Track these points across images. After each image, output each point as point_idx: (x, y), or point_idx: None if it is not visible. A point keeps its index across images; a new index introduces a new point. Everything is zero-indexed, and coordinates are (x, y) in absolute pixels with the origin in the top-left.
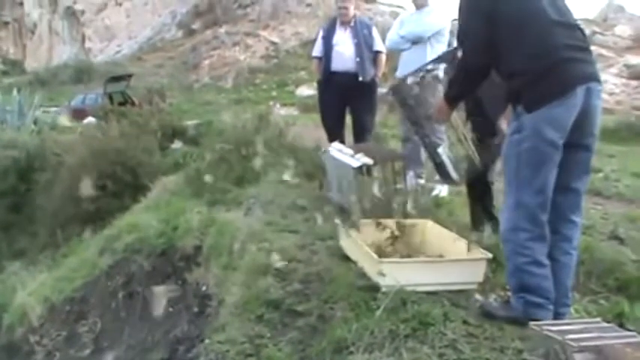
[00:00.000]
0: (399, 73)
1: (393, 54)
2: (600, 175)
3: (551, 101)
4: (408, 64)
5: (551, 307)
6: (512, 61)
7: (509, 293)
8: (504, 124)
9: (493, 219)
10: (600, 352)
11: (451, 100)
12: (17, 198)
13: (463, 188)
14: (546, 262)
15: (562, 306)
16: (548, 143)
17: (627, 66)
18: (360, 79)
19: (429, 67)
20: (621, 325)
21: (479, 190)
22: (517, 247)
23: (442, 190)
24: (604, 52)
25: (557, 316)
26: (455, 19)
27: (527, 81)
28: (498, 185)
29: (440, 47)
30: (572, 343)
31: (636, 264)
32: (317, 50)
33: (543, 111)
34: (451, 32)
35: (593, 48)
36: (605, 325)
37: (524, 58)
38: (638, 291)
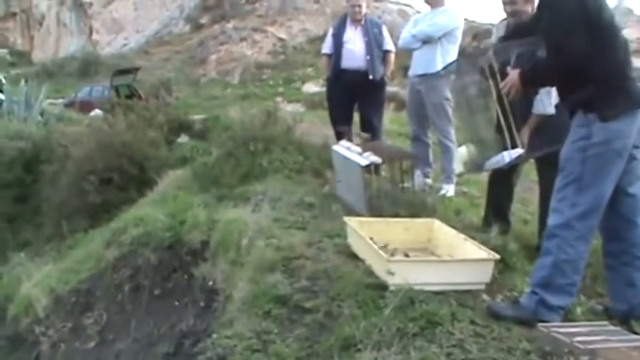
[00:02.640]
0: (412, 72)
1: (403, 53)
2: None
3: (623, 116)
4: (418, 63)
5: (562, 312)
6: (594, 69)
7: (516, 294)
8: (525, 137)
9: (504, 220)
10: (607, 356)
11: (529, 82)
12: (23, 189)
13: (470, 189)
14: (582, 271)
15: (637, 306)
16: (616, 153)
17: (635, 69)
18: (370, 77)
19: None
20: (629, 329)
21: (500, 189)
22: (563, 244)
23: (449, 190)
24: None
25: (632, 316)
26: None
27: (606, 92)
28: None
29: (451, 47)
30: (579, 346)
31: None
32: (327, 47)
33: (615, 123)
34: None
35: None
36: (612, 328)
37: (606, 69)
38: None
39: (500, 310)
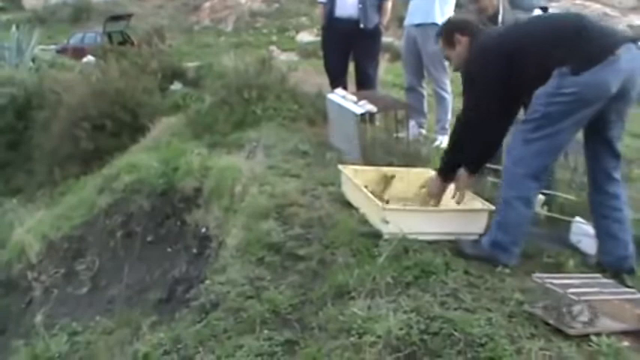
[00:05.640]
0: (407, 22)
1: (398, 3)
2: None
3: (597, 66)
4: (415, 12)
5: (516, 251)
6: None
7: None
8: None
9: (498, 171)
10: (600, 307)
11: (472, 171)
12: (15, 135)
13: None
14: (534, 206)
15: (623, 259)
16: (584, 103)
17: (631, 26)
18: (362, 26)
19: None
20: (621, 282)
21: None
22: (512, 181)
23: (443, 140)
24: (608, 11)
25: (620, 270)
26: None
27: (573, 47)
28: None
29: None
30: (573, 297)
31: (635, 223)
32: None
33: (589, 74)
34: None
35: (597, 7)
36: (605, 280)
37: (565, 35)
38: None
39: (464, 247)
